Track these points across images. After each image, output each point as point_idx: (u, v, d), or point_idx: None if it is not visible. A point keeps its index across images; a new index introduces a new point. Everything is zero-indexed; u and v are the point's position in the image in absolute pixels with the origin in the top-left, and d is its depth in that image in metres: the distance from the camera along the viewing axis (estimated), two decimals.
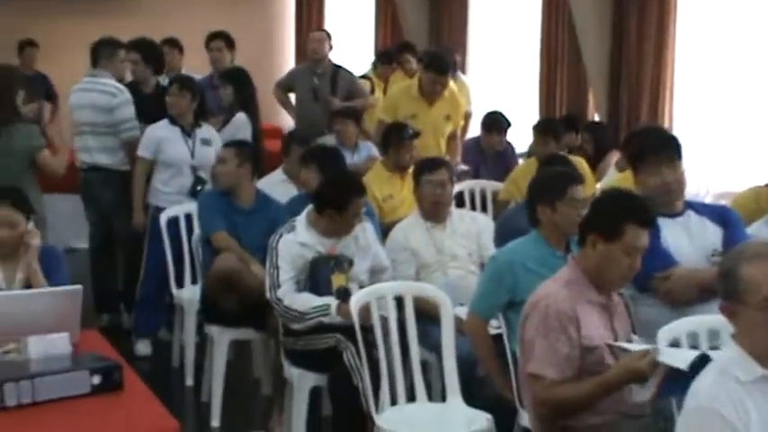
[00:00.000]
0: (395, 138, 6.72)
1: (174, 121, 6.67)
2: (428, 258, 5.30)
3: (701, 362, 3.07)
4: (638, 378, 3.38)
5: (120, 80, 7.27)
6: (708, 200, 6.27)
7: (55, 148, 6.36)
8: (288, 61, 14.52)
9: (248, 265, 5.52)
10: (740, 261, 2.87)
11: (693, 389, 2.87)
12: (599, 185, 6.83)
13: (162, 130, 6.68)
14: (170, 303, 6.54)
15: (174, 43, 8.51)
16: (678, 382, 3.24)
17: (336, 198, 4.92)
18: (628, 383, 3.43)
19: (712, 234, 4.35)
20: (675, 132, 7.77)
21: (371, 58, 12.18)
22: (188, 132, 6.68)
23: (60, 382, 3.49)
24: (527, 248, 4.46)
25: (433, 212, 5.42)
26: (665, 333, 3.85)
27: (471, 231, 5.48)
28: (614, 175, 6.83)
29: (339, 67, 8.61)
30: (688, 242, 4.31)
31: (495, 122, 8.21)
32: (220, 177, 5.94)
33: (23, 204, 4.49)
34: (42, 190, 6.31)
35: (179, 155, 6.64)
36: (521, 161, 8.03)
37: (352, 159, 7.21)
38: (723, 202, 5.95)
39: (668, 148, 4.44)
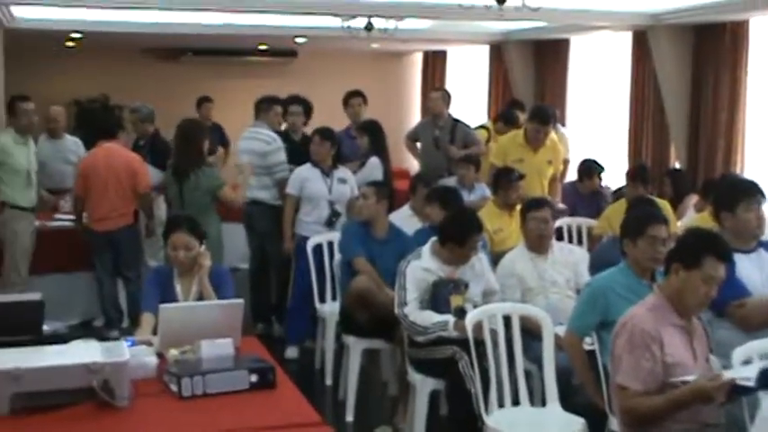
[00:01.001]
0: (503, 180, 6.69)
1: (315, 164, 6.78)
2: (532, 284, 5.25)
3: (764, 375, 3.02)
4: (705, 398, 3.32)
5: (275, 130, 7.41)
6: None
7: (236, 186, 6.57)
8: (415, 114, 14.60)
9: (381, 287, 5.56)
10: None
11: (765, 404, 2.81)
12: (680, 224, 6.69)
13: (305, 172, 6.80)
14: (313, 316, 6.59)
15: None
16: (743, 393, 3.22)
17: (458, 233, 4.92)
18: (697, 403, 3.37)
19: None
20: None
21: (485, 110, 12.24)
22: (326, 173, 6.77)
23: (225, 379, 3.55)
24: (617, 277, 4.39)
25: (537, 244, 5.37)
26: (739, 353, 3.76)
27: (569, 261, 5.40)
28: (693, 216, 6.69)
29: (457, 120, 8.59)
30: (759, 275, 4.23)
31: (591, 169, 8.18)
32: (362, 210, 5.98)
33: (197, 230, 4.60)
34: None
35: (319, 191, 6.73)
36: None
37: (468, 197, 7.20)
38: None
39: (759, 190, 4.45)
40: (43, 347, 3.53)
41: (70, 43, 11.85)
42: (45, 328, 3.89)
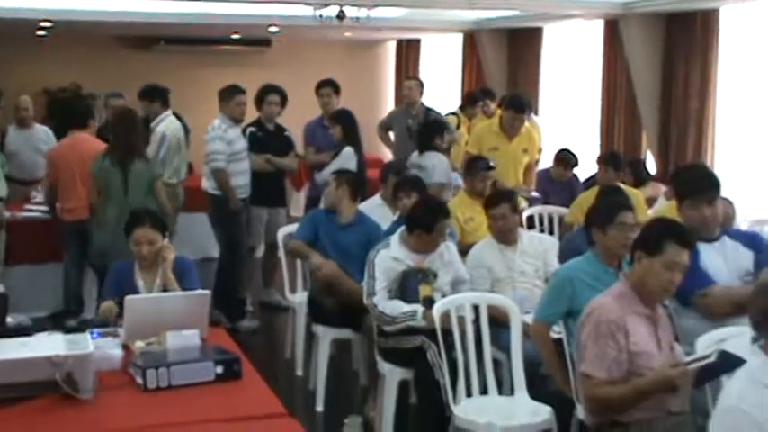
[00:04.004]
0: (472, 169, 6.65)
1: None
2: (500, 274, 5.23)
3: (722, 355, 3.06)
4: (669, 386, 3.34)
5: (238, 120, 7.23)
6: (744, 226, 6.08)
7: None
8: (388, 103, 14.60)
9: (308, 255, 5.68)
10: None
11: (724, 392, 2.82)
12: (650, 213, 6.70)
13: None
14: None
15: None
16: (707, 378, 3.32)
17: (425, 220, 4.90)
18: (660, 390, 3.39)
19: (744, 257, 4.24)
20: (717, 166, 7.67)
21: (458, 99, 12.21)
22: None
23: (191, 370, 3.55)
24: (583, 265, 4.39)
25: (501, 238, 5.35)
26: (704, 341, 3.78)
27: (538, 251, 5.38)
28: (663, 204, 6.71)
29: (430, 109, 8.60)
30: (723, 264, 4.21)
31: (566, 159, 8.19)
32: (326, 197, 6.00)
33: (159, 224, 4.58)
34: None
35: None
36: None
37: None
38: (758, 228, 5.82)
39: (710, 190, 4.32)
40: (6, 340, 3.50)
41: (41, 32, 11.74)
42: (9, 320, 3.86)
